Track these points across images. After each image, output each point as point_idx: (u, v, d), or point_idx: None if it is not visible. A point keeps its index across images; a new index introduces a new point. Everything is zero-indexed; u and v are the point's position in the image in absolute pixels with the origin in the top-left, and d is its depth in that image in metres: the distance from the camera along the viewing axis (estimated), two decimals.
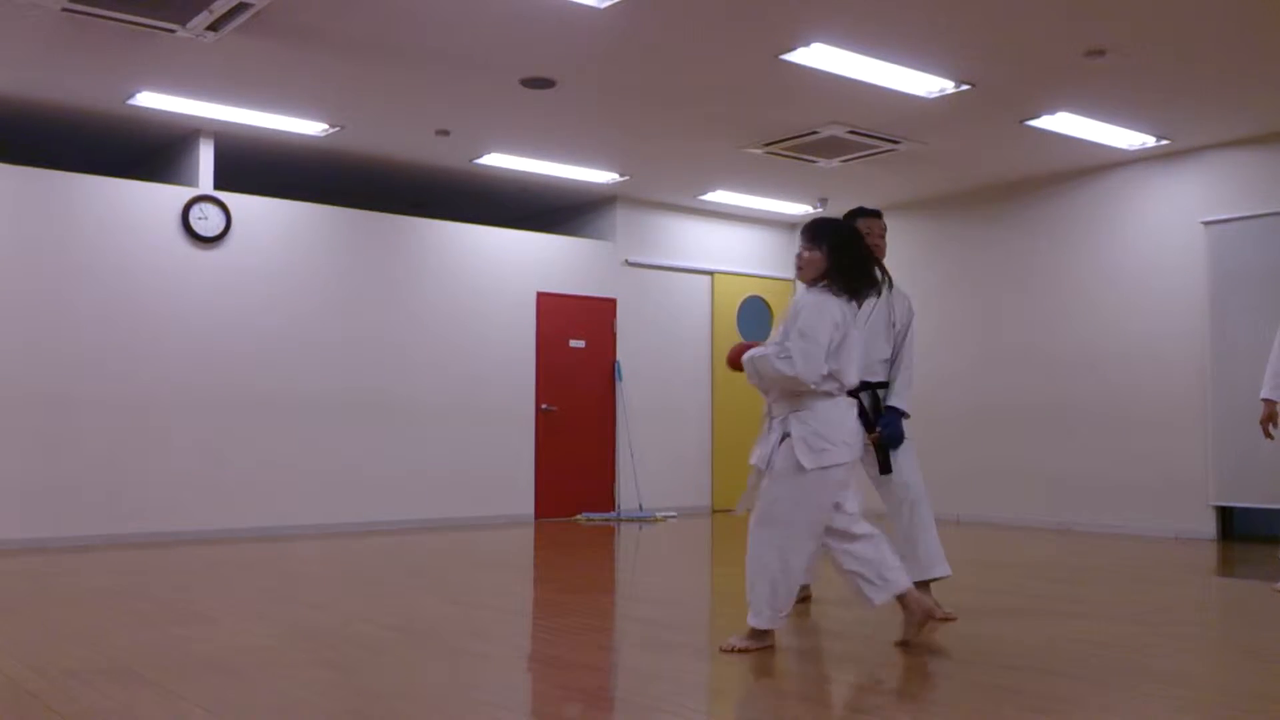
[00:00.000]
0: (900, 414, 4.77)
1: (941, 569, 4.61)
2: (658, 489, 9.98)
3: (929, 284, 9.42)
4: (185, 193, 7.83)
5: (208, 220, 7.87)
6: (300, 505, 8.15)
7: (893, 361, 4.85)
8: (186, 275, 7.81)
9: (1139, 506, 8.19)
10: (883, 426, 4.70)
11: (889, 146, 7.92)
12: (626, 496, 9.84)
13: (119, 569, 6.19)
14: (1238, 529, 8.03)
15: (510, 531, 8.48)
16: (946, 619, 4.49)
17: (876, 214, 4.86)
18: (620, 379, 9.91)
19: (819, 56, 6.08)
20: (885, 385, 4.81)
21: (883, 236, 4.81)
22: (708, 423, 10.47)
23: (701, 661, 3.89)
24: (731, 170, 8.87)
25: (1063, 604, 5.05)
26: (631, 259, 10.02)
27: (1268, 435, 5.36)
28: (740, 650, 3.86)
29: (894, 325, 4.82)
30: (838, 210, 10.25)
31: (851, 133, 7.59)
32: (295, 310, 8.26)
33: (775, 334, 3.94)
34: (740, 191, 9.69)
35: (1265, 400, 5.36)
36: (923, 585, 4.60)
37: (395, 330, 8.73)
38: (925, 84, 6.56)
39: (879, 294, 4.77)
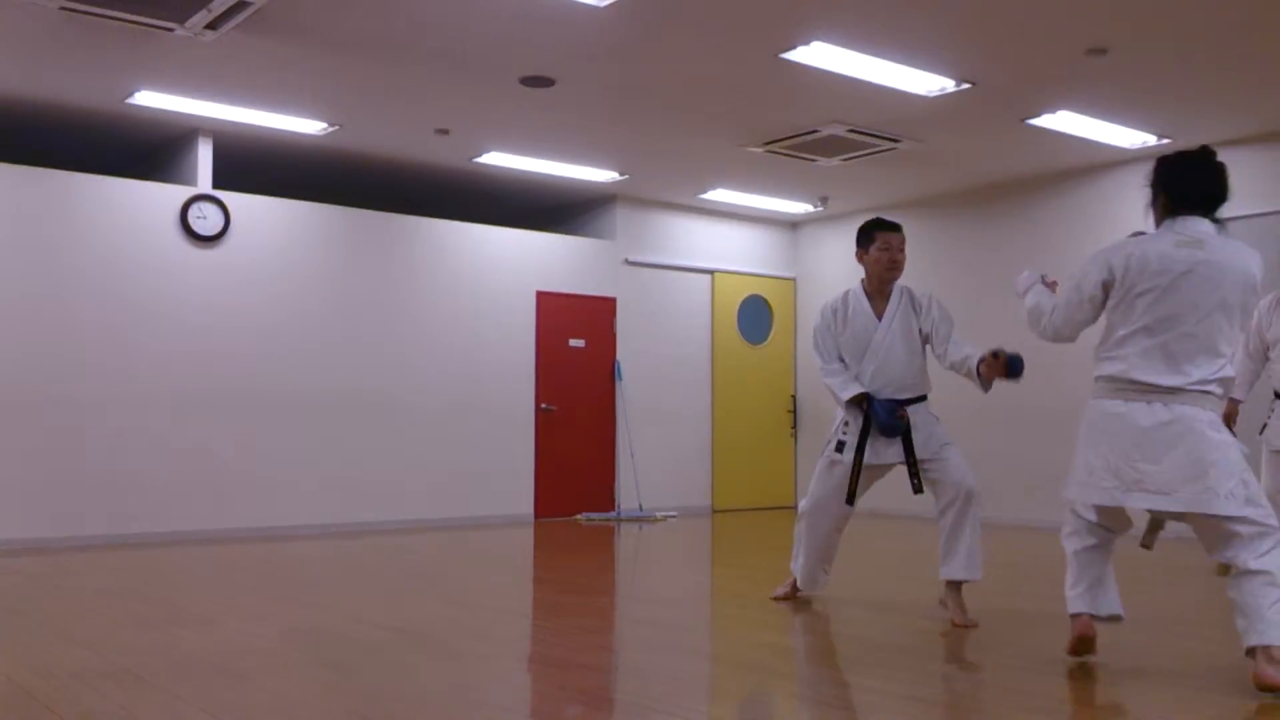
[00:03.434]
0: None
1: (975, 574, 4.52)
2: (658, 489, 9.97)
3: (929, 283, 9.31)
4: (184, 192, 7.82)
5: (206, 219, 7.86)
6: (300, 505, 8.14)
7: (944, 360, 4.58)
8: (185, 275, 7.79)
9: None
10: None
11: (889, 145, 7.91)
12: (626, 496, 9.83)
13: (119, 569, 6.18)
14: None
15: (510, 531, 8.47)
16: (967, 626, 4.43)
17: (896, 227, 4.69)
18: (620, 379, 9.90)
19: (819, 55, 6.07)
20: (923, 399, 4.67)
21: (902, 250, 4.66)
22: (708, 423, 10.46)
23: (701, 661, 3.88)
24: (731, 169, 8.86)
25: (1063, 604, 5.04)
26: (631, 258, 10.01)
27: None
28: None
29: (921, 331, 4.64)
30: (839, 208, 10.30)
31: (851, 131, 7.58)
32: (294, 309, 8.25)
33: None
34: (740, 190, 9.68)
35: (1229, 399, 5.40)
36: (954, 586, 4.54)
37: (395, 329, 8.72)
38: (926, 83, 6.55)
39: (896, 303, 4.69)
